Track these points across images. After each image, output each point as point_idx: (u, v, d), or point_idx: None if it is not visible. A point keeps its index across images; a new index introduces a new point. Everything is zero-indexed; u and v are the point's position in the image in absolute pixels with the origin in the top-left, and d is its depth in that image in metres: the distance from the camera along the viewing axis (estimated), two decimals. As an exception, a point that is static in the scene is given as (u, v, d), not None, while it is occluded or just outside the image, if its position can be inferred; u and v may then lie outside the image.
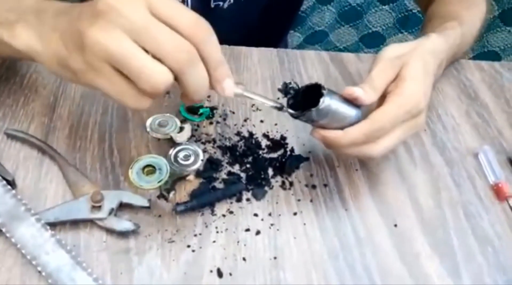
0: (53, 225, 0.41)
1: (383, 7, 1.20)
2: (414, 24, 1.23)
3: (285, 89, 0.40)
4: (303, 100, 0.42)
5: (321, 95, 0.39)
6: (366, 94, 0.42)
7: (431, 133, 0.55)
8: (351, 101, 0.42)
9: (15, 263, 0.39)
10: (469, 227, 0.46)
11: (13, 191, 0.42)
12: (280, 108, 0.41)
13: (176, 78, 0.34)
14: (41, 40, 0.39)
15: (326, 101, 0.40)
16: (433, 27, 0.56)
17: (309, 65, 0.61)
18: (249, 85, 0.57)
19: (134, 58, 0.33)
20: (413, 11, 1.19)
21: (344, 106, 0.42)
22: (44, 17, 0.40)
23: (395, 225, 0.45)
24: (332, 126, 0.42)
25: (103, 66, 0.34)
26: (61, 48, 0.37)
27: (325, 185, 0.48)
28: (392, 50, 0.46)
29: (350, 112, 0.42)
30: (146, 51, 0.33)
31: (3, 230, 0.40)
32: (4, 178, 0.43)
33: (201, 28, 0.34)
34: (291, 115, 0.41)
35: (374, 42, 1.27)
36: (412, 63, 0.44)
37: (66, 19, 0.38)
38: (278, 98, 0.56)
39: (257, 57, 0.61)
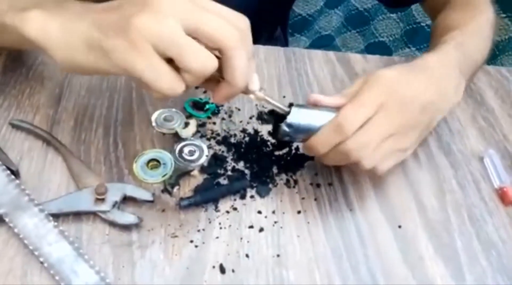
0: (56, 216, 0.41)
1: (391, 15, 1.20)
2: (422, 40, 1.21)
3: (261, 117, 0.46)
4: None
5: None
6: (330, 97, 0.44)
7: (436, 135, 0.54)
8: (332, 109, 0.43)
9: (17, 253, 0.39)
10: (473, 231, 0.46)
11: (17, 181, 0.42)
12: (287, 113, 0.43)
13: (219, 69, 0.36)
14: (62, 28, 0.38)
15: (294, 114, 0.41)
16: (432, 44, 0.56)
17: (315, 65, 0.61)
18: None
19: (185, 41, 0.34)
20: (421, 24, 1.18)
21: (321, 114, 0.42)
22: (66, 5, 0.39)
23: (399, 227, 0.45)
24: None
25: (146, 47, 0.34)
26: (92, 32, 0.36)
27: (330, 184, 0.47)
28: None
29: (330, 117, 0.42)
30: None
31: (6, 219, 0.40)
32: (8, 168, 0.43)
33: (245, 21, 0.37)
34: (272, 137, 0.45)
35: (380, 52, 1.26)
36: (376, 72, 0.44)
37: (97, 10, 0.37)
38: (284, 96, 0.56)
39: (264, 55, 0.61)
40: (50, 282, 0.37)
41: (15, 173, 0.43)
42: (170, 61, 0.35)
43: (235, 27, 0.35)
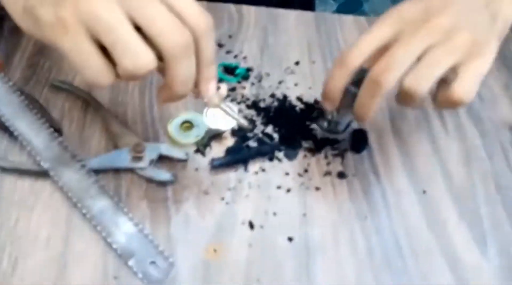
0: (96, 172, 0.43)
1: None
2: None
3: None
4: None
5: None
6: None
7: (466, 104, 0.54)
8: None
9: (62, 205, 0.42)
10: (499, 198, 0.46)
11: (60, 139, 0.44)
12: (248, 128, 0.44)
13: (160, 69, 0.33)
14: None
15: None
16: None
17: (346, 30, 0.60)
18: (287, 47, 0.57)
19: (123, 32, 0.30)
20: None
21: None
22: None
23: (424, 192, 0.46)
24: None
25: (78, 27, 0.30)
26: None
27: (357, 149, 0.48)
28: None
29: None
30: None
31: (51, 174, 0.43)
32: (52, 126, 0.45)
33: (205, 21, 0.32)
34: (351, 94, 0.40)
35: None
36: None
37: None
38: (314, 62, 0.56)
39: (294, 20, 0.61)
40: (92, 232, 0.40)
41: (58, 131, 0.45)
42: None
43: (187, 30, 0.31)
